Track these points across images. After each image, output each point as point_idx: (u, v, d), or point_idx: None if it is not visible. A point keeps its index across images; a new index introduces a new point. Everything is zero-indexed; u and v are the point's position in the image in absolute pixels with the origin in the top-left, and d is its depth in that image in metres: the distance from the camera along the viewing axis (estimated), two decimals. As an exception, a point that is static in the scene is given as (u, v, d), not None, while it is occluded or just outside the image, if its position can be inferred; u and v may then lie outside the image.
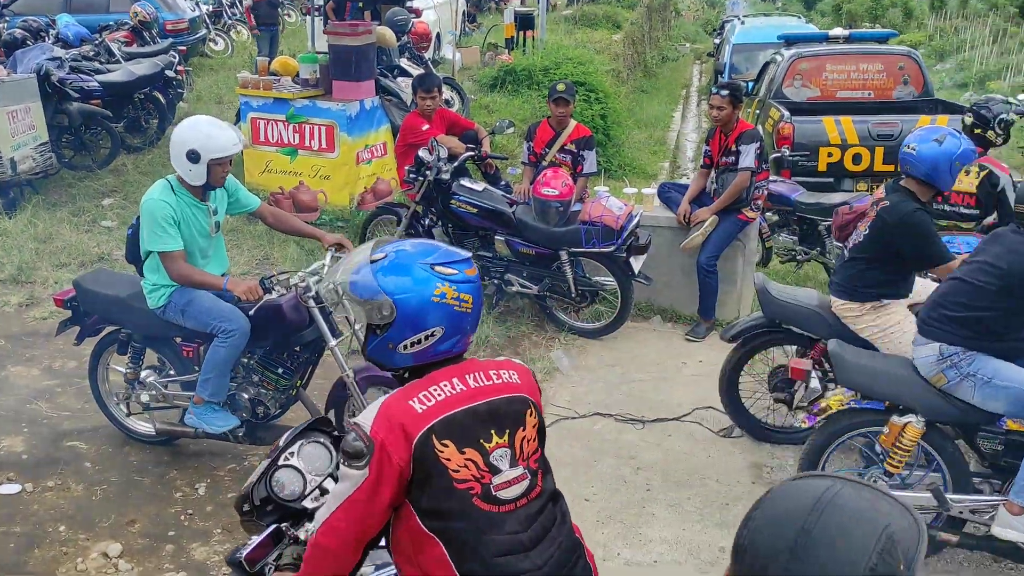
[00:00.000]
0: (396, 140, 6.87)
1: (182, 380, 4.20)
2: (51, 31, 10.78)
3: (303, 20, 15.81)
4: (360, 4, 10.09)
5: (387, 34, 9.44)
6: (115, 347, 4.32)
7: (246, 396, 4.08)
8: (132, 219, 4.19)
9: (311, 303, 3.82)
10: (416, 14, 11.69)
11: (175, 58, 10.18)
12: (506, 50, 13.13)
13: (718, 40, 19.40)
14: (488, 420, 1.88)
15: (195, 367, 4.09)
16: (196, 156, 3.75)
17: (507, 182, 6.66)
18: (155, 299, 3.96)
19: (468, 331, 1.97)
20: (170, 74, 9.78)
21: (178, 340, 4.15)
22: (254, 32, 12.95)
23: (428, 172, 5.84)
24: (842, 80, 8.98)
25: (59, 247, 6.95)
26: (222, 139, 3.78)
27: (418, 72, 8.81)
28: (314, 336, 3.99)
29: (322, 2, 10.49)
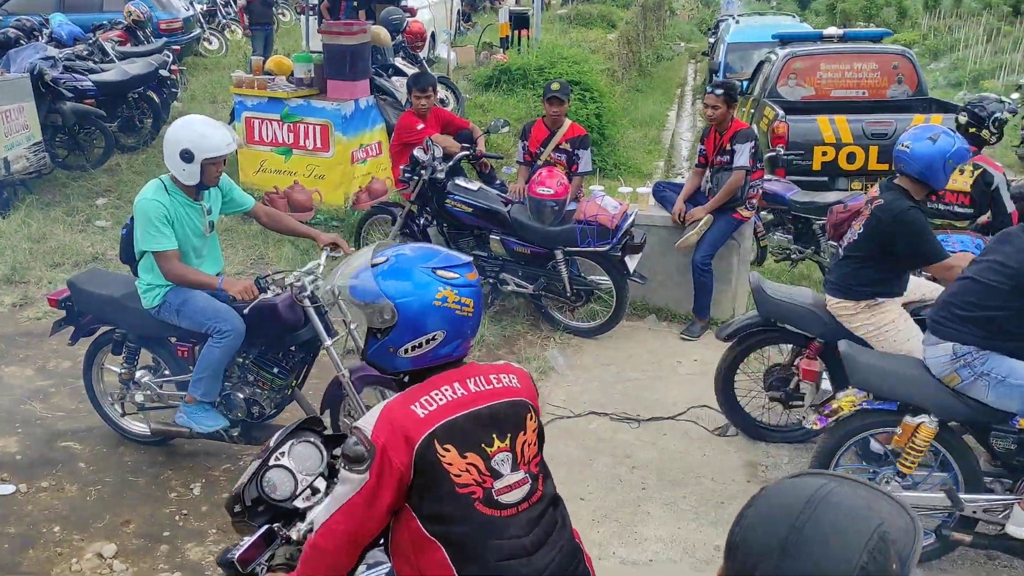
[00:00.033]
0: (391, 139, 6.86)
1: (177, 380, 4.18)
2: (44, 30, 10.75)
3: (297, 19, 15.79)
4: (355, 3, 10.09)
5: (382, 33, 9.42)
6: (110, 347, 4.31)
7: (241, 396, 4.06)
8: (126, 219, 4.17)
9: (306, 302, 3.81)
10: (411, 13, 11.69)
11: (169, 57, 10.14)
12: (501, 49, 13.13)
13: (713, 39, 19.43)
14: (489, 424, 1.88)
15: (190, 367, 4.08)
16: (189, 156, 3.74)
17: (502, 181, 6.66)
18: (150, 299, 3.95)
19: (468, 335, 1.97)
20: (164, 73, 9.75)
21: (173, 340, 4.14)
22: (246, 32, 12.94)
23: (423, 171, 5.83)
24: (836, 79, 8.99)
25: (53, 247, 6.93)
26: (216, 138, 3.77)
27: (413, 71, 8.80)
28: (309, 336, 3.97)
29: (316, 1, 10.46)
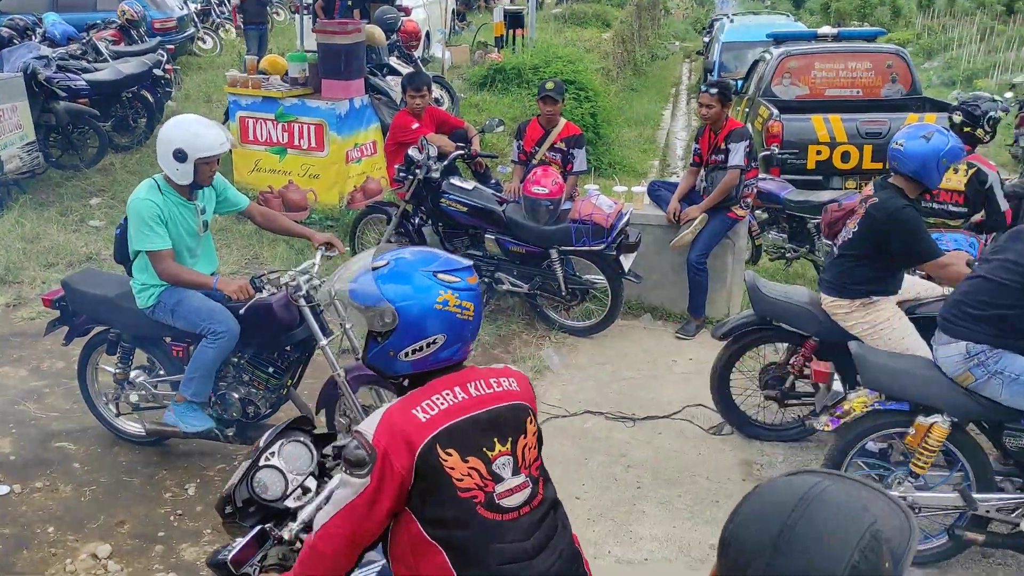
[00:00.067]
0: (386, 139, 6.86)
1: (172, 380, 4.17)
2: (38, 29, 10.73)
3: (292, 18, 15.75)
4: (349, 2, 10.07)
5: (376, 32, 9.41)
6: (104, 347, 4.30)
7: (236, 395, 4.05)
8: (120, 218, 4.16)
9: (301, 302, 3.80)
10: (406, 12, 11.68)
11: (163, 57, 10.13)
12: (496, 48, 13.10)
13: (707, 38, 19.45)
14: (490, 428, 1.88)
15: (185, 367, 4.06)
16: (183, 155, 3.73)
17: (497, 180, 6.65)
18: (144, 299, 3.94)
19: (468, 339, 1.96)
20: (158, 73, 9.74)
21: (168, 340, 4.13)
22: (240, 32, 12.91)
23: (418, 171, 5.83)
24: (831, 78, 9.02)
25: (47, 247, 6.92)
26: (209, 138, 3.76)
27: (407, 70, 8.79)
28: (305, 335, 3.97)
29: (311, 0, 10.45)
